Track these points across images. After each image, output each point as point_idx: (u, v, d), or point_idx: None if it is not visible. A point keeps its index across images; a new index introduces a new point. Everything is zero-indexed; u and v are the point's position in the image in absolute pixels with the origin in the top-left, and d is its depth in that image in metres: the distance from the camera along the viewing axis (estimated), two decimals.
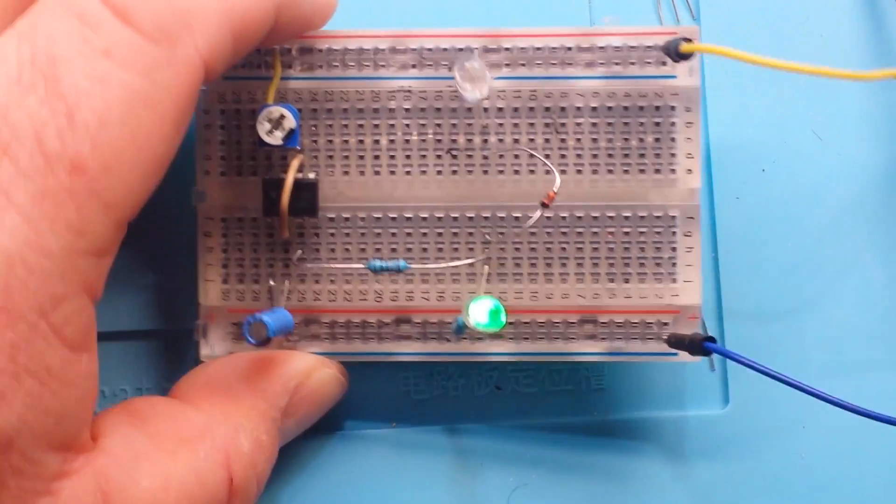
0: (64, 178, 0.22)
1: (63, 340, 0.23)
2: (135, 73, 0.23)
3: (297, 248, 0.31)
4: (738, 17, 0.34)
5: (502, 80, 0.30)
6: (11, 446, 0.23)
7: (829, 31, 0.34)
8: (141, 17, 0.23)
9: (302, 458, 0.32)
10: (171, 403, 0.28)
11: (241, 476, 0.28)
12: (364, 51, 0.30)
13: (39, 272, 0.22)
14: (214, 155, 0.31)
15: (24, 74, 0.23)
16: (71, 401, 0.24)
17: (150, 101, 0.23)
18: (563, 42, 0.30)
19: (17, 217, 0.22)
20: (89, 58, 0.23)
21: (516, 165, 0.31)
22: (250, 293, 0.31)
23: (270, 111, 0.28)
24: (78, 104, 0.23)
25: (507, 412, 0.34)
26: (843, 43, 0.34)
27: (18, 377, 0.23)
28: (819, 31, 0.34)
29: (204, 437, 0.27)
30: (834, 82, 0.34)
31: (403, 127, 0.30)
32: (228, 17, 0.25)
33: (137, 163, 0.24)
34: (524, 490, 0.33)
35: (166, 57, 0.24)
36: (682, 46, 0.29)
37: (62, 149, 0.22)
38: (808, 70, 0.25)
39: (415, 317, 0.31)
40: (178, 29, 0.24)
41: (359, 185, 0.31)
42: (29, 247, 0.22)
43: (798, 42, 0.34)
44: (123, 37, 0.23)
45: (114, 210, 0.23)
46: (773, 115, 0.34)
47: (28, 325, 0.23)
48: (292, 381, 0.30)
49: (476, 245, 0.31)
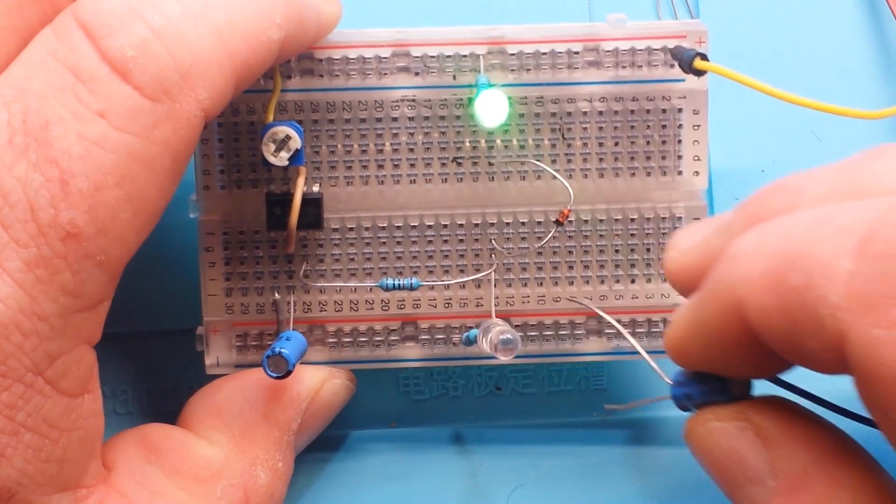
0: (58, 244, 0.22)
1: (61, 391, 0.23)
2: (131, 134, 0.22)
3: (301, 260, 0.30)
4: (738, 17, 0.34)
5: (508, 86, 0.30)
6: (13, 498, 0.23)
7: (828, 30, 0.34)
8: (141, 73, 0.22)
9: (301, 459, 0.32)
10: (185, 437, 0.28)
11: None
12: (366, 59, 0.30)
13: (35, 335, 0.22)
14: (213, 169, 0.30)
15: (15, 137, 0.22)
16: (73, 443, 0.24)
17: (147, 160, 0.23)
18: (569, 47, 0.30)
19: (11, 284, 0.22)
20: (83, 119, 0.22)
21: (522, 171, 0.30)
22: (254, 306, 0.30)
23: (275, 132, 0.28)
24: (71, 170, 0.22)
25: (506, 412, 0.34)
26: (843, 42, 0.34)
27: (17, 434, 0.23)
28: (819, 31, 0.34)
29: (221, 476, 0.27)
30: (834, 80, 0.34)
31: (407, 136, 0.30)
32: (232, 64, 0.24)
33: (133, 221, 0.23)
34: (524, 490, 0.33)
35: (165, 113, 0.23)
36: (697, 63, 0.29)
37: (55, 216, 0.22)
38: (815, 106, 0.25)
39: (422, 323, 0.31)
40: (179, 84, 0.23)
41: (363, 195, 0.30)
42: (23, 313, 0.22)
43: (798, 42, 0.34)
44: (121, 95, 0.22)
45: (109, 266, 0.23)
46: (773, 115, 0.34)
47: (24, 384, 0.22)
48: (304, 402, 0.29)
49: (482, 251, 0.31)
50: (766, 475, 0.22)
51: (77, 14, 0.23)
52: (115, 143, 0.22)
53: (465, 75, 0.30)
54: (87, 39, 0.23)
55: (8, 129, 0.22)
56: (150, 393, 0.33)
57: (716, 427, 0.23)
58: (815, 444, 0.22)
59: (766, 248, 0.20)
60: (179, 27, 0.23)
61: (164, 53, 0.23)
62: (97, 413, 0.25)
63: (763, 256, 0.20)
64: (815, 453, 0.22)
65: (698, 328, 0.23)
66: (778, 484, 0.22)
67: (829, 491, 0.21)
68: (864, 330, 0.18)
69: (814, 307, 0.19)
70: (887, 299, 0.18)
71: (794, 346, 0.20)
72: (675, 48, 0.29)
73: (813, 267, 0.19)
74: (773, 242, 0.20)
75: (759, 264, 0.20)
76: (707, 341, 0.23)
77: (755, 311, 0.20)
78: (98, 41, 0.22)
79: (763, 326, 0.20)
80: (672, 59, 0.30)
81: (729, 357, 0.23)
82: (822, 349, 0.19)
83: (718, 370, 0.24)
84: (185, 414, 0.29)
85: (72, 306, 0.23)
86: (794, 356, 0.21)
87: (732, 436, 0.23)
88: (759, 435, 0.22)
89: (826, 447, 0.22)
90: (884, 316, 0.18)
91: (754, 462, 0.22)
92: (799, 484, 0.21)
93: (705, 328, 0.22)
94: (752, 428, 0.23)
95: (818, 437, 0.22)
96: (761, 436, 0.22)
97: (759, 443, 0.22)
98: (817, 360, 0.20)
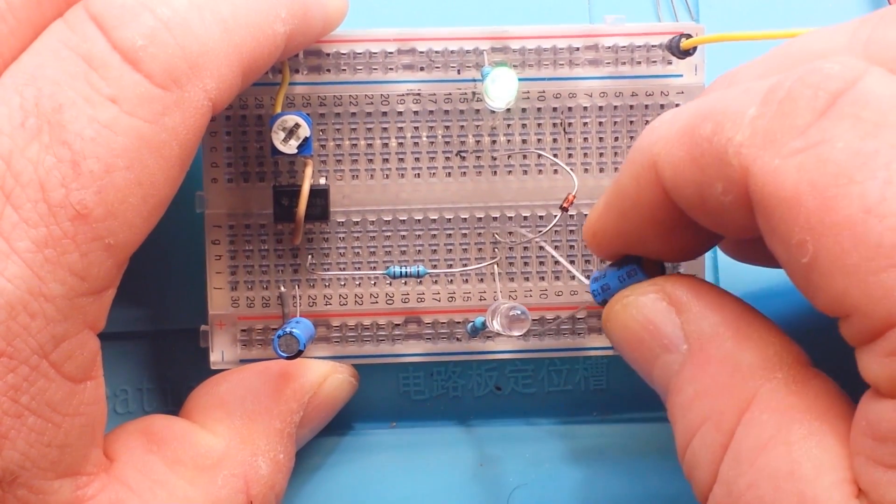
0: (67, 225, 0.22)
1: (65, 375, 0.23)
2: (141, 119, 0.23)
3: (307, 253, 0.30)
4: (738, 17, 0.34)
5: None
6: (16, 481, 0.23)
7: None
8: (151, 62, 0.23)
9: (300, 459, 0.31)
10: (187, 428, 0.28)
11: (260, 500, 0.28)
12: (372, 54, 0.30)
13: (41, 316, 0.22)
14: (221, 162, 0.30)
15: (28, 120, 0.22)
16: (75, 428, 0.24)
17: (156, 145, 0.23)
18: (570, 43, 0.31)
19: (20, 263, 0.22)
20: (95, 104, 0.22)
21: (525, 166, 0.31)
22: (260, 300, 0.31)
23: (285, 120, 0.28)
24: (83, 152, 0.22)
25: (506, 412, 0.34)
26: None
27: (21, 416, 0.23)
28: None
29: (222, 465, 0.27)
30: None
31: (412, 129, 0.30)
32: (239, 57, 0.24)
33: (142, 206, 0.23)
34: (524, 490, 0.33)
35: (174, 101, 0.23)
36: (683, 43, 0.30)
37: (66, 196, 0.22)
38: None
39: (425, 318, 0.31)
40: (187, 73, 0.23)
41: (368, 188, 0.31)
42: (31, 293, 0.22)
43: None
44: (131, 82, 0.23)
45: (116, 251, 0.23)
46: None
47: (30, 366, 0.23)
48: (306, 395, 0.30)
49: (486, 245, 0.31)
50: (679, 341, 0.24)
51: (88, 7, 0.23)
52: (126, 127, 0.23)
53: (469, 70, 0.30)
54: (98, 30, 0.23)
55: (21, 113, 0.22)
56: (150, 393, 0.33)
57: (631, 301, 0.25)
58: (724, 307, 0.23)
59: (682, 112, 0.22)
60: (186, 18, 0.23)
61: (173, 43, 0.23)
62: (100, 400, 0.25)
63: (678, 119, 0.22)
64: (723, 315, 0.23)
65: (615, 199, 0.25)
66: (690, 346, 0.23)
67: (737, 345, 0.23)
68: (765, 161, 0.20)
69: (721, 149, 0.21)
70: (786, 134, 0.20)
71: (702, 196, 0.22)
72: (668, 42, 0.30)
73: (722, 116, 0.21)
74: (688, 108, 0.22)
75: (674, 125, 0.22)
76: (622, 212, 0.24)
77: (668, 166, 0.22)
78: (109, 32, 0.23)
79: (675, 179, 0.22)
80: (669, 55, 0.31)
81: (644, 226, 0.24)
82: (728, 190, 0.21)
83: (633, 246, 0.25)
84: (188, 405, 0.29)
85: (78, 288, 0.23)
86: (702, 211, 0.22)
87: (647, 307, 0.24)
88: (672, 303, 0.24)
89: (734, 310, 0.23)
90: (783, 147, 0.20)
91: (668, 329, 0.24)
92: (708, 342, 0.23)
93: (621, 197, 0.24)
94: (665, 297, 0.24)
95: (727, 302, 0.24)
96: (674, 304, 0.24)
97: (671, 310, 0.24)
98: (723, 211, 0.21)
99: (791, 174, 0.20)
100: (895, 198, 0.18)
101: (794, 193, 0.19)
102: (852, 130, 0.19)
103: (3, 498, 0.23)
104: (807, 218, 0.19)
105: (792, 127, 0.20)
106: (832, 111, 0.20)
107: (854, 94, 0.20)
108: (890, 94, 0.20)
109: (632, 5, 0.34)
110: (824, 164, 0.19)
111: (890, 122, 0.19)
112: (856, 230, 0.19)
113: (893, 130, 0.19)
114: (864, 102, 0.19)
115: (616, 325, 0.25)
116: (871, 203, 0.19)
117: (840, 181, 0.19)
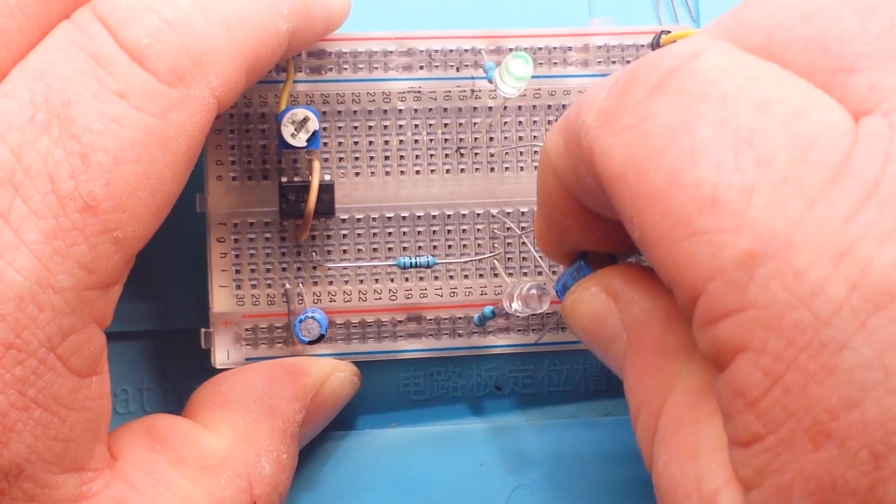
0: (76, 217, 0.23)
1: (71, 369, 0.23)
2: (149, 114, 0.23)
3: (310, 250, 0.31)
4: None
5: None
6: (22, 474, 0.23)
7: None
8: (156, 60, 0.23)
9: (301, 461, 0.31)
10: (191, 427, 0.28)
11: (264, 500, 0.28)
12: (373, 53, 0.31)
13: (50, 308, 0.23)
14: (225, 160, 0.31)
15: (37, 114, 0.23)
16: (80, 423, 0.24)
17: (163, 140, 0.24)
18: (563, 42, 0.31)
19: (29, 255, 0.22)
20: (104, 99, 0.23)
21: (522, 162, 0.31)
22: (265, 297, 0.31)
23: (294, 113, 0.29)
24: (92, 145, 0.23)
25: (507, 412, 0.34)
26: None
27: (28, 409, 0.23)
28: None
29: (225, 465, 0.27)
30: None
31: (413, 127, 0.31)
32: (242, 55, 0.25)
33: (149, 200, 0.24)
34: (524, 490, 0.33)
35: (180, 98, 0.24)
36: (663, 39, 0.31)
37: (75, 188, 0.23)
38: None
39: (427, 314, 0.32)
40: (192, 71, 0.24)
41: (370, 185, 0.31)
42: (40, 285, 0.22)
43: None
44: (138, 79, 0.23)
45: (124, 245, 0.24)
46: None
47: (38, 359, 0.23)
48: (309, 394, 0.30)
49: (485, 241, 0.32)
50: (619, 330, 0.24)
51: (95, 9, 0.24)
52: (134, 121, 0.23)
53: (467, 69, 0.31)
54: (105, 30, 0.24)
55: (30, 107, 0.23)
56: (151, 392, 0.33)
57: (577, 296, 0.26)
58: (656, 293, 0.24)
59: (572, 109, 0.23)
60: (190, 17, 0.24)
61: (177, 41, 0.24)
62: (105, 396, 0.25)
63: (564, 116, 0.23)
64: (654, 300, 0.24)
65: (538, 200, 0.26)
66: (628, 334, 0.24)
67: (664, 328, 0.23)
68: (602, 140, 0.21)
69: (579, 132, 0.21)
70: (620, 112, 0.20)
71: (577, 180, 0.22)
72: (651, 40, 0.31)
73: (584, 102, 0.22)
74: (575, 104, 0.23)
75: (560, 121, 0.23)
76: (545, 211, 0.25)
77: (553, 155, 0.23)
78: (115, 32, 0.23)
79: (558, 166, 0.23)
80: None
81: (564, 220, 0.25)
82: (588, 172, 0.22)
83: (567, 242, 0.26)
84: (191, 405, 0.29)
85: (86, 281, 0.23)
86: (581, 192, 0.23)
87: (590, 301, 0.25)
88: (610, 294, 0.25)
89: (665, 294, 0.23)
90: (616, 125, 0.20)
91: (611, 320, 0.24)
92: (641, 328, 0.23)
93: (540, 197, 0.25)
94: (604, 289, 0.25)
95: (658, 286, 0.24)
96: (612, 294, 0.25)
97: (611, 301, 0.24)
98: (592, 192, 0.22)
99: (620, 151, 0.20)
100: (694, 167, 0.19)
101: (621, 170, 0.20)
102: (674, 104, 0.20)
103: (9, 491, 0.23)
104: (630, 193, 0.20)
105: (625, 105, 0.20)
106: (661, 87, 0.20)
107: (685, 69, 0.20)
108: (718, 65, 0.20)
109: (632, 6, 0.34)
110: (644, 139, 0.20)
111: (708, 93, 0.19)
112: (661, 202, 0.19)
113: (710, 101, 0.19)
114: (690, 77, 0.20)
115: (570, 322, 0.26)
116: (674, 175, 0.19)
117: (653, 155, 0.19)
